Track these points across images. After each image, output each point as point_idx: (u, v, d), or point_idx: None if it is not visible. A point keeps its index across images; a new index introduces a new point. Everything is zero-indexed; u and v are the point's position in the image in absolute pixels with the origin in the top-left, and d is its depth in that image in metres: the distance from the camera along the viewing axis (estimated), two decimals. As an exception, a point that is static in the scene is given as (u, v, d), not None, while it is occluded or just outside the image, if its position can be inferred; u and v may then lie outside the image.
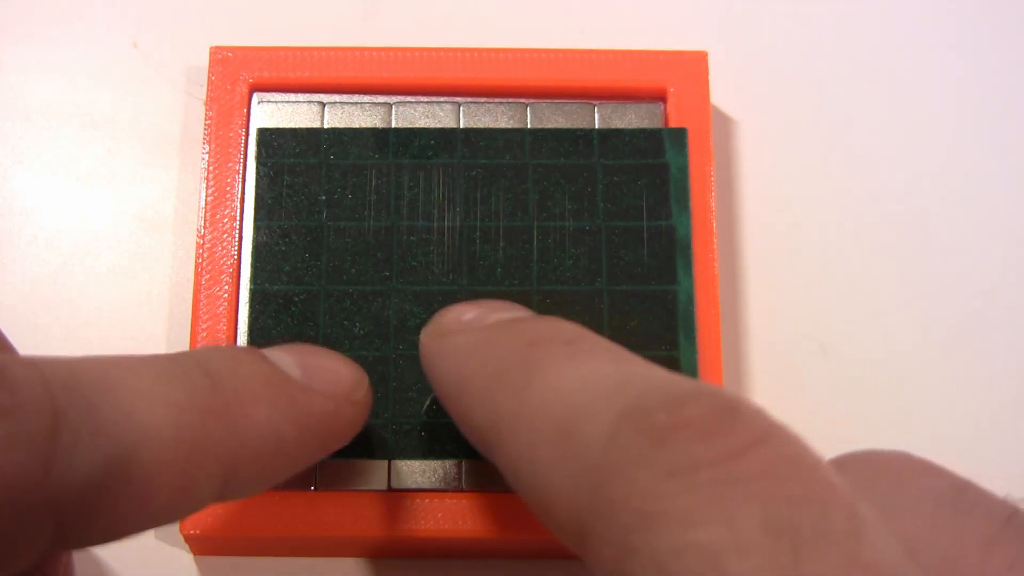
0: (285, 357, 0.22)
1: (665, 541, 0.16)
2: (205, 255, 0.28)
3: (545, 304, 0.28)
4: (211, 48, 0.30)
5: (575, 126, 0.29)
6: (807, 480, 0.16)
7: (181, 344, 0.30)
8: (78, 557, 0.28)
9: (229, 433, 0.20)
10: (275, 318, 0.27)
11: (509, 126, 0.29)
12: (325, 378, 0.22)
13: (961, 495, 0.19)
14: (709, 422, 0.17)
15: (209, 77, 0.30)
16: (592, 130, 0.29)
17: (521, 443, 0.20)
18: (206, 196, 0.29)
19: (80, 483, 0.17)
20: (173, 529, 0.28)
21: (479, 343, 0.22)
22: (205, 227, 0.28)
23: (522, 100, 0.30)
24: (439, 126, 0.29)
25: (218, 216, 0.29)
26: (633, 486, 0.17)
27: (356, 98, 0.30)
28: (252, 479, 0.21)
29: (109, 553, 0.28)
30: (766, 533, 0.15)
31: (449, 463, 0.27)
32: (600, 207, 0.28)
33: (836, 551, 0.15)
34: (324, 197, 0.28)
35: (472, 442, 0.22)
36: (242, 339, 0.28)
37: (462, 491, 0.27)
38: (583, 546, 0.18)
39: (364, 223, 0.28)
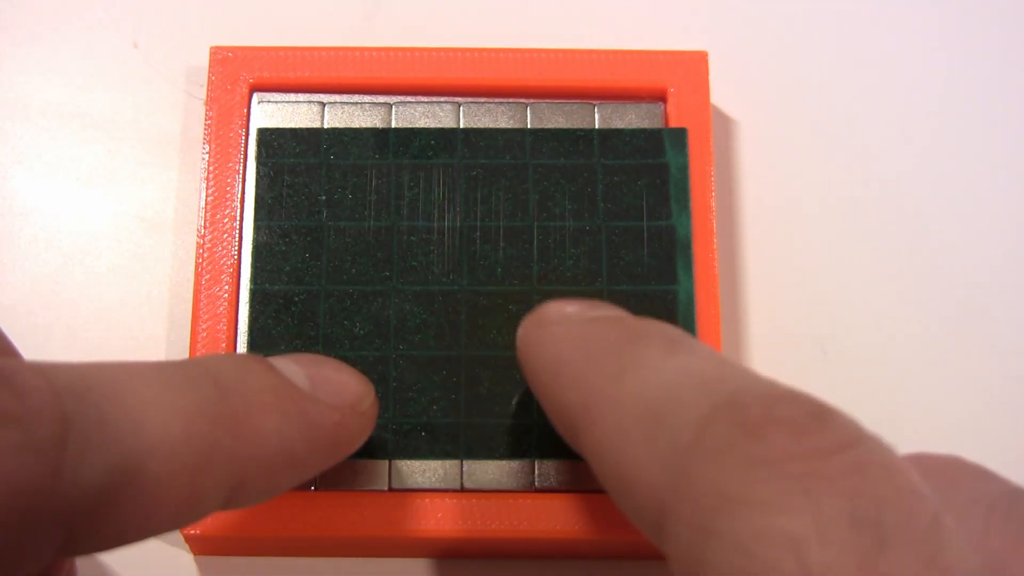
0: (294, 367, 0.22)
1: (747, 525, 0.16)
2: (205, 255, 0.28)
3: (545, 304, 0.28)
4: (211, 48, 0.30)
5: (575, 126, 0.29)
6: (894, 483, 0.16)
7: (181, 344, 0.30)
8: (82, 558, 0.28)
9: (238, 443, 0.20)
10: (275, 318, 0.27)
11: (509, 126, 0.29)
12: (332, 389, 0.22)
13: (1015, 501, 0.19)
14: (802, 422, 0.17)
15: (209, 77, 0.30)
16: (592, 130, 0.29)
17: (611, 424, 0.20)
18: (206, 196, 0.29)
19: (88, 492, 0.17)
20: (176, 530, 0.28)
21: (580, 332, 0.22)
22: (205, 227, 0.28)
23: (522, 100, 0.30)
24: (439, 126, 0.29)
25: (218, 216, 0.29)
26: (720, 470, 0.17)
27: (356, 98, 0.30)
28: (259, 489, 0.21)
29: (109, 553, 0.28)
30: (849, 525, 0.16)
31: (449, 463, 0.27)
32: (600, 207, 0.28)
33: (918, 552, 0.16)
34: (324, 197, 0.28)
35: (558, 427, 0.23)
36: (242, 339, 0.28)
37: (462, 491, 0.27)
38: (660, 529, 0.18)
39: (364, 223, 0.28)
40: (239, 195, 0.29)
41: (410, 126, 0.29)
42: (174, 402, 0.19)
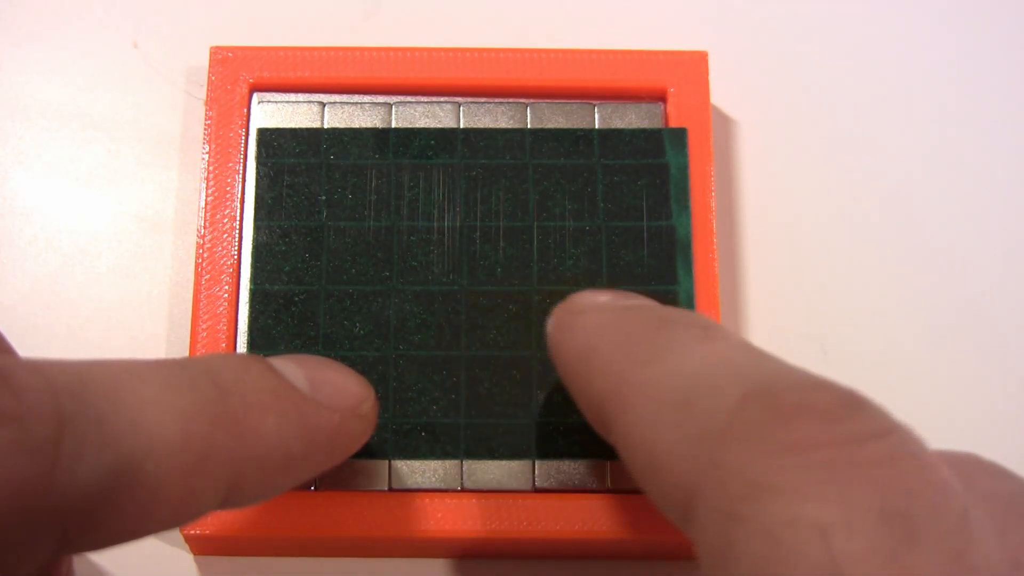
0: (294, 368, 0.22)
1: (775, 511, 0.16)
2: (205, 255, 0.28)
3: (545, 304, 0.28)
4: (211, 48, 0.30)
5: (575, 126, 0.29)
6: (925, 476, 0.16)
7: (181, 344, 0.30)
8: (77, 557, 0.28)
9: (236, 444, 0.20)
10: (275, 318, 0.27)
11: (509, 126, 0.29)
12: (332, 391, 0.22)
13: None
14: (834, 409, 0.17)
15: (209, 77, 0.30)
16: (592, 130, 0.29)
17: (642, 409, 0.20)
18: (206, 196, 0.29)
19: (85, 491, 0.17)
20: (173, 529, 0.28)
21: (612, 320, 0.23)
22: (205, 227, 0.28)
23: (522, 100, 0.30)
24: (439, 126, 0.29)
25: (218, 216, 0.29)
26: (750, 456, 0.17)
27: (356, 98, 0.30)
28: (257, 490, 0.21)
29: (109, 553, 0.28)
30: (878, 517, 0.16)
31: (449, 463, 0.27)
32: (600, 207, 0.28)
33: (945, 547, 0.16)
34: (324, 197, 0.28)
35: (587, 414, 0.23)
36: (242, 339, 0.28)
37: (462, 491, 0.27)
38: (687, 514, 0.18)
39: (364, 223, 0.28)
40: (239, 195, 0.29)
41: (410, 126, 0.29)
42: (173, 402, 0.19)
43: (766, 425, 0.17)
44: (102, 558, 0.28)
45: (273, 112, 0.29)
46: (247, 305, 0.28)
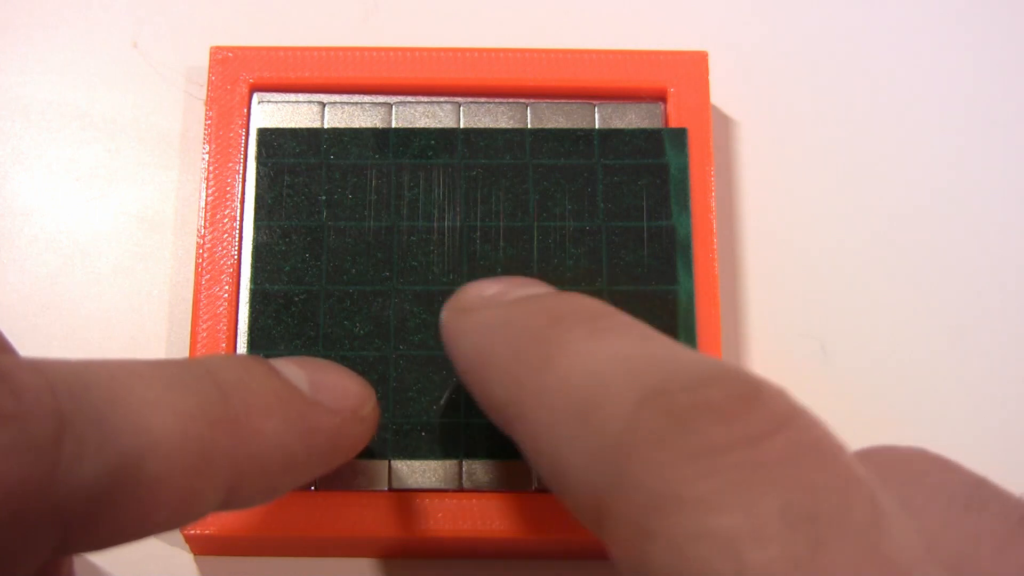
0: (295, 370, 0.22)
1: (682, 526, 0.16)
2: (205, 255, 0.28)
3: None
4: (211, 48, 0.30)
5: (575, 126, 0.29)
6: (828, 467, 0.16)
7: (181, 344, 0.30)
8: (77, 557, 0.28)
9: (237, 446, 0.20)
10: (275, 318, 0.27)
11: (509, 126, 0.29)
12: (334, 393, 0.22)
13: (976, 492, 0.18)
14: (731, 404, 0.17)
15: (209, 77, 0.30)
16: (592, 130, 0.29)
17: (541, 421, 0.19)
18: (206, 196, 0.29)
19: (85, 491, 0.17)
20: (173, 530, 0.28)
21: (500, 319, 0.22)
22: (205, 227, 0.28)
23: (522, 100, 0.30)
24: (439, 126, 0.29)
25: (218, 216, 0.29)
26: (652, 468, 0.17)
27: (356, 98, 0.30)
28: (257, 491, 0.21)
29: (109, 552, 0.28)
30: (785, 522, 0.15)
31: (449, 463, 0.27)
32: (600, 207, 0.28)
33: (855, 544, 0.15)
34: (324, 197, 0.28)
35: (492, 418, 0.22)
36: (242, 339, 0.28)
37: (462, 491, 0.27)
38: (600, 527, 0.18)
39: (364, 223, 0.28)
40: (239, 195, 0.29)
41: (410, 126, 0.29)
42: (173, 403, 0.19)
43: (664, 431, 0.17)
44: (102, 558, 0.28)
45: (273, 112, 0.29)
46: (247, 305, 0.28)
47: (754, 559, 0.15)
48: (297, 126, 0.29)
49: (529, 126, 0.29)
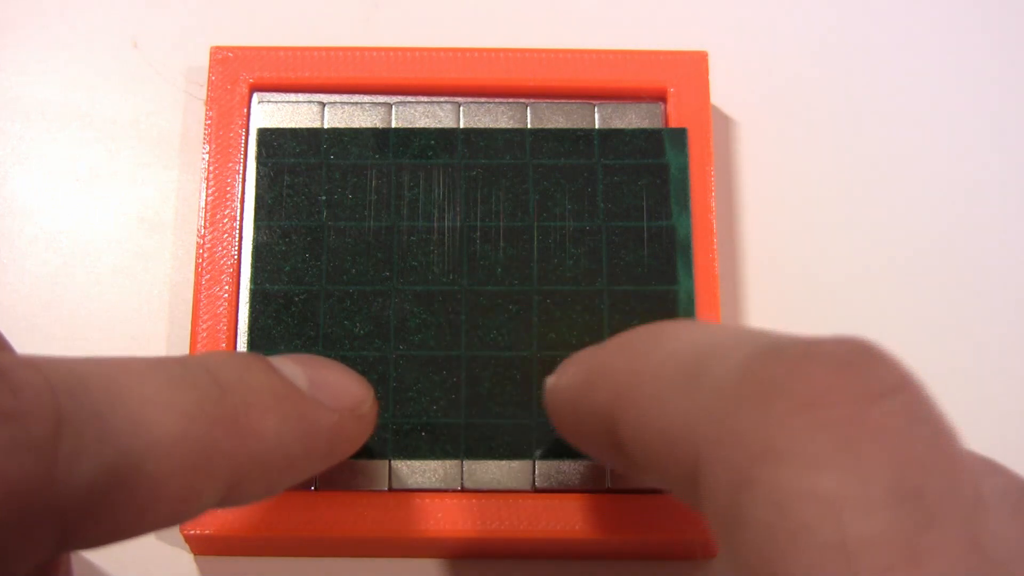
0: (294, 368, 0.22)
1: (785, 480, 0.15)
2: (205, 255, 0.28)
3: (545, 304, 0.28)
4: (211, 48, 0.30)
5: (575, 126, 0.29)
6: (941, 445, 0.16)
7: (181, 344, 0.30)
8: (75, 554, 0.28)
9: (236, 444, 0.20)
10: (275, 318, 0.27)
11: (509, 126, 0.29)
12: (332, 391, 0.22)
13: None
14: (846, 357, 0.16)
15: (209, 77, 0.30)
16: (592, 130, 0.29)
17: (649, 393, 0.19)
18: (206, 196, 0.29)
19: (84, 489, 0.17)
20: (173, 529, 0.28)
21: (605, 345, 0.22)
22: (205, 227, 0.28)
23: (522, 100, 0.30)
24: (439, 126, 0.29)
25: (218, 216, 0.29)
26: (762, 416, 0.16)
27: (356, 98, 0.30)
28: (256, 488, 0.21)
29: (108, 553, 0.28)
30: (894, 496, 0.15)
31: (449, 463, 0.27)
32: (600, 207, 0.28)
33: (960, 532, 0.15)
34: (324, 197, 0.28)
35: (594, 446, 0.22)
36: (242, 339, 0.28)
37: (462, 491, 0.27)
38: (696, 483, 0.17)
39: (364, 223, 0.28)
40: (239, 195, 0.29)
41: (410, 126, 0.29)
42: (172, 400, 0.19)
43: (776, 380, 0.16)
44: (102, 558, 0.28)
45: (273, 112, 0.29)
46: (247, 305, 0.28)
47: (858, 529, 0.15)
48: (297, 126, 0.29)
49: (529, 126, 0.29)
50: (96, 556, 0.28)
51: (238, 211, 0.28)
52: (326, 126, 0.29)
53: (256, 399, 0.20)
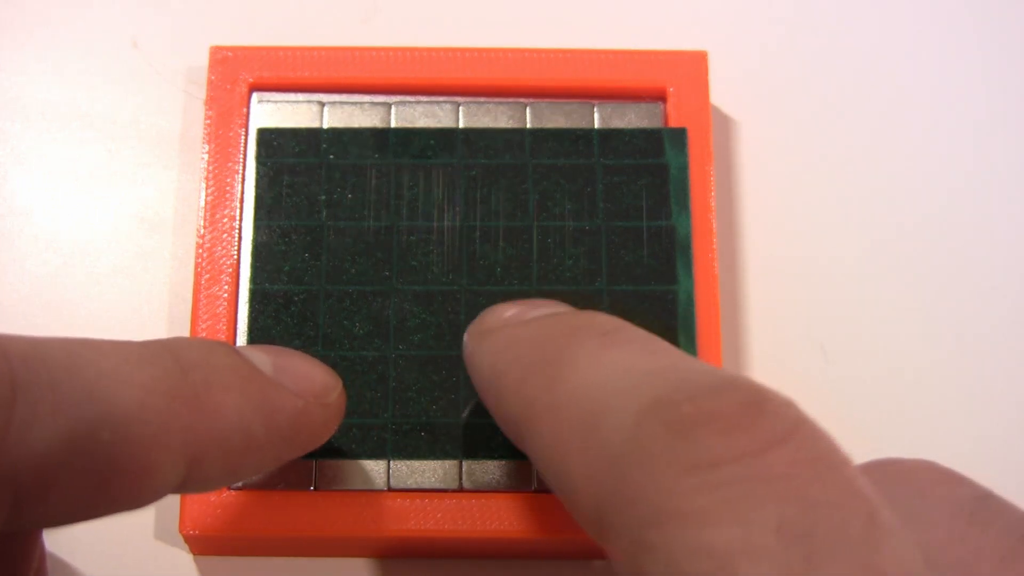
0: (259, 354, 0.22)
1: (679, 540, 0.16)
2: (205, 255, 0.28)
3: (545, 304, 0.28)
4: (211, 48, 0.30)
5: (575, 126, 0.29)
6: (828, 481, 0.16)
7: (181, 344, 0.30)
8: (75, 555, 0.28)
9: (196, 419, 0.19)
10: (275, 318, 0.27)
11: (509, 126, 0.29)
12: (297, 377, 0.22)
13: (981, 505, 0.18)
14: (734, 416, 0.17)
15: (209, 77, 0.30)
16: (592, 130, 0.29)
17: (549, 433, 0.20)
18: (206, 196, 0.29)
19: (37, 457, 0.17)
20: (173, 529, 0.28)
21: (516, 337, 0.22)
22: (205, 227, 0.28)
23: (522, 100, 0.30)
24: (439, 126, 0.29)
25: (218, 216, 0.29)
26: (651, 480, 0.17)
27: (356, 98, 0.30)
28: (217, 470, 0.20)
29: (108, 552, 0.28)
30: (779, 538, 0.15)
31: (449, 463, 0.27)
32: (600, 207, 0.28)
33: (850, 560, 0.15)
34: (324, 197, 0.28)
35: (507, 434, 0.23)
36: (242, 339, 0.28)
37: (462, 491, 0.27)
38: (602, 538, 0.18)
39: (364, 223, 0.28)
40: (239, 195, 0.29)
41: (410, 126, 0.29)
42: (131, 374, 0.19)
43: (666, 443, 0.17)
44: (100, 558, 0.28)
45: (273, 112, 0.29)
46: (247, 305, 0.28)
47: (748, 575, 0.15)
48: (297, 126, 0.29)
49: (529, 126, 0.29)
50: (96, 556, 0.28)
51: (238, 211, 0.28)
52: (326, 126, 0.29)
53: (217, 377, 0.20)
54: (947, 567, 0.17)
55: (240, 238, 0.28)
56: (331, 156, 0.29)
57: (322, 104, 0.30)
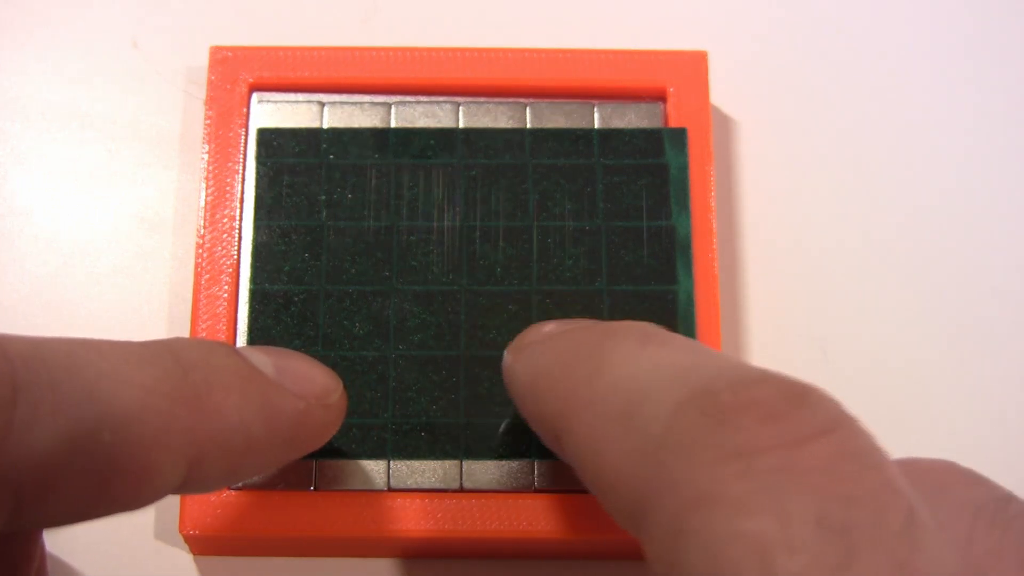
0: (260, 356, 0.22)
1: (716, 526, 0.16)
2: (205, 255, 0.28)
3: (545, 304, 0.28)
4: (211, 48, 0.30)
5: (575, 126, 0.29)
6: (868, 477, 0.16)
7: (181, 344, 0.30)
8: (75, 555, 0.28)
9: (197, 420, 0.19)
10: (275, 318, 0.27)
11: (509, 126, 0.29)
12: (297, 378, 0.22)
13: (1002, 507, 0.18)
14: (775, 405, 0.17)
15: (209, 77, 0.30)
16: (592, 130, 0.29)
17: (587, 425, 0.20)
18: (206, 196, 0.29)
19: (38, 457, 0.17)
20: (173, 529, 0.28)
21: (555, 344, 0.22)
22: (205, 227, 0.28)
23: (522, 100, 0.30)
24: (439, 126, 0.29)
25: (218, 216, 0.29)
26: (691, 466, 0.17)
27: (356, 98, 0.30)
28: (218, 471, 0.20)
29: (108, 552, 0.28)
30: (818, 531, 0.15)
31: (449, 463, 0.27)
32: (600, 207, 0.28)
33: (887, 557, 0.15)
34: (324, 197, 0.28)
35: (542, 438, 0.23)
36: (242, 339, 0.28)
37: (462, 491, 0.27)
38: (639, 529, 0.18)
39: (364, 223, 0.28)
40: (239, 195, 0.29)
41: (410, 126, 0.29)
42: (131, 375, 0.19)
43: (705, 429, 0.17)
44: (100, 558, 0.28)
45: (273, 112, 0.29)
46: (247, 305, 0.28)
47: (784, 567, 0.15)
48: (296, 126, 0.29)
49: (529, 126, 0.29)
50: (96, 556, 0.28)
51: (238, 211, 0.28)
52: (326, 126, 0.29)
53: (218, 378, 0.20)
54: (968, 568, 0.17)
55: (240, 238, 0.28)
56: (331, 156, 0.29)
57: (322, 104, 0.30)
